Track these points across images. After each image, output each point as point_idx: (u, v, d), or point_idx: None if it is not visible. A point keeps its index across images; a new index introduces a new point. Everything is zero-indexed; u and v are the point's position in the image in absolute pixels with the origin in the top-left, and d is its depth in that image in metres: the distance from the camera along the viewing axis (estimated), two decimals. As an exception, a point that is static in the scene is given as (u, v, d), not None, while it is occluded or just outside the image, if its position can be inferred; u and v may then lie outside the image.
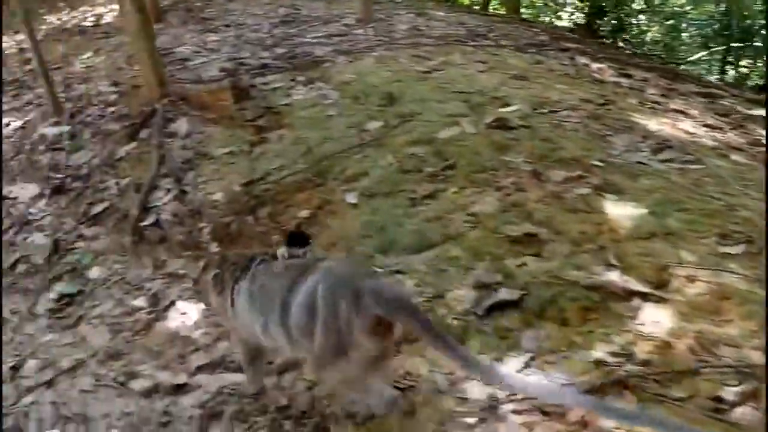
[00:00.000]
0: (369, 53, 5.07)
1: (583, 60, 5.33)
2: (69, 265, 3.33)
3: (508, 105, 3.83)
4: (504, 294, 2.41)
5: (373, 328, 1.57)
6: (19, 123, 5.19)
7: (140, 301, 2.98)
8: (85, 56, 6.56)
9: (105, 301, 3.01)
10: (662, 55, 8.10)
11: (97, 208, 3.73)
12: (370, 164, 3.40)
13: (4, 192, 4.16)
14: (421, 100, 3.93)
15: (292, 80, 4.55)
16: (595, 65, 5.25)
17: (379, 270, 2.71)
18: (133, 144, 4.21)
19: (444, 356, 1.58)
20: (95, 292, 3.10)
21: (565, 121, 3.65)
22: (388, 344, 1.69)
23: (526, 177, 3.09)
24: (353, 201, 3.16)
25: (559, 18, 8.79)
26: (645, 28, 8.37)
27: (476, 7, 9.62)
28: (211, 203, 3.46)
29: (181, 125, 4.12)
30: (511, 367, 2.10)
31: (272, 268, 1.88)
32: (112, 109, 4.78)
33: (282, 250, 1.95)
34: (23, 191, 4.14)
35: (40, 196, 4.07)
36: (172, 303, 2.93)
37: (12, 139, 4.93)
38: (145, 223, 3.39)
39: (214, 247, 3.25)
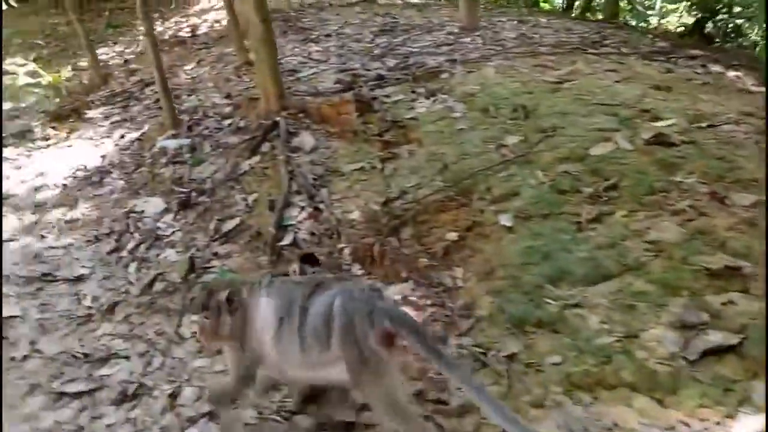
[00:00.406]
0: (485, 63, 4.85)
1: (716, 68, 4.93)
2: (205, 284, 3.25)
3: (659, 119, 3.53)
4: (717, 337, 2.13)
5: (382, 339, 1.81)
6: (134, 135, 5.26)
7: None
8: (188, 67, 6.64)
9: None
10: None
11: (228, 225, 3.66)
12: (518, 183, 3.18)
13: (129, 206, 4.18)
14: (562, 114, 3.68)
15: (413, 92, 4.39)
16: (731, 73, 4.84)
17: (551, 302, 2.49)
18: (256, 158, 4.14)
19: (435, 365, 1.91)
20: (238, 314, 2.99)
21: (732, 137, 3.31)
22: (394, 354, 1.87)
23: (705, 200, 2.79)
24: (508, 223, 2.94)
25: (668, 22, 8.32)
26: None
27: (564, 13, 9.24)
28: (348, 222, 3.32)
29: (305, 139, 4.02)
30: (749, 427, 1.83)
31: (290, 281, 2.17)
32: (228, 121, 4.76)
33: (294, 268, 2.29)
34: (148, 205, 4.14)
35: (166, 210, 4.05)
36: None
37: (129, 151, 4.99)
38: (284, 242, 3.27)
39: (356, 269, 3.11)
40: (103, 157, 5.04)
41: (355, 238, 3.21)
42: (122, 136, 5.33)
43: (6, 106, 7.27)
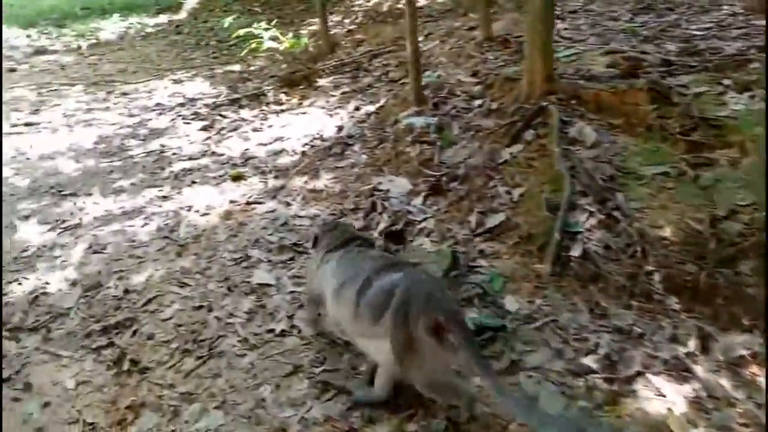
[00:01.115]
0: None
1: None
2: (475, 286, 2.85)
3: None
4: None
5: (432, 329, 1.84)
6: (370, 108, 5.06)
7: (589, 361, 2.34)
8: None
9: (540, 349, 2.44)
10: None
11: (492, 220, 3.24)
12: None
13: (373, 182, 3.93)
14: None
15: (719, 84, 3.58)
16: None
17: None
18: (518, 146, 3.65)
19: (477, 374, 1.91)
20: (521, 331, 2.55)
21: None
22: (442, 347, 1.86)
23: None
24: None
25: None
26: None
27: None
28: (656, 240, 2.70)
29: (585, 131, 3.43)
30: None
31: (368, 255, 2.27)
32: (478, 102, 4.33)
33: (379, 243, 2.34)
34: (393, 185, 3.86)
35: (413, 193, 3.74)
36: (639, 374, 2.24)
37: (367, 124, 4.78)
38: (573, 253, 2.75)
39: (672, 302, 2.49)
40: (340, 128, 4.90)
41: (668, 261, 2.59)
42: (357, 108, 5.16)
43: (235, 67, 7.61)
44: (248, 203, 4.05)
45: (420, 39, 6.35)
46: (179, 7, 13.05)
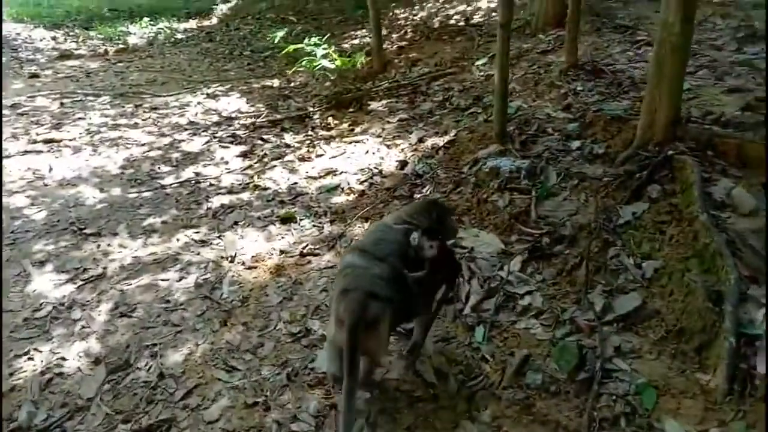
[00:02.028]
0: None
1: None
2: (618, 400, 2.18)
3: None
4: None
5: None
6: (437, 141, 4.40)
7: None
8: (480, 62, 5.70)
9: None
10: None
11: (623, 304, 2.56)
12: None
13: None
14: None
15: None
16: None
17: None
18: (641, 205, 2.98)
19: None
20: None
21: None
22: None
23: None
24: None
25: None
26: None
27: None
28: None
29: (736, 193, 2.75)
30: None
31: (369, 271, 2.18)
32: (576, 143, 3.66)
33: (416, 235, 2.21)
34: (479, 242, 3.19)
35: (506, 254, 3.08)
36: None
37: (435, 161, 4.12)
38: (757, 367, 2.06)
39: None
40: (403, 163, 4.25)
41: None
42: (421, 140, 4.52)
43: (274, 82, 7.02)
44: (302, 254, 3.41)
45: (482, 61, 5.73)
46: (210, 13, 12.57)
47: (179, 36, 10.62)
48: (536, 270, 2.94)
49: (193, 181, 4.45)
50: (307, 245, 3.49)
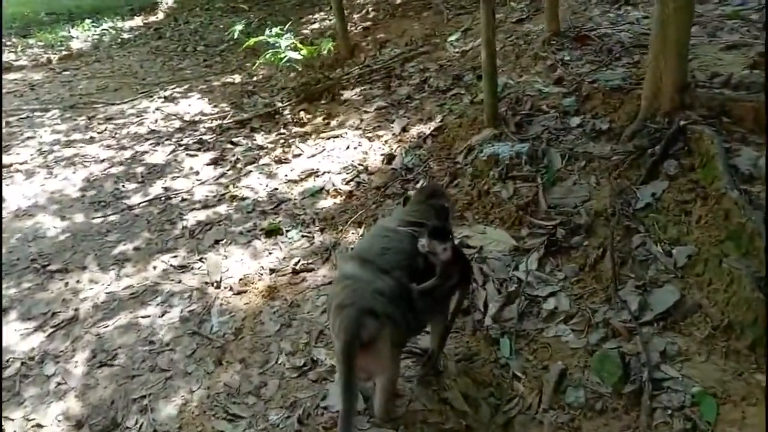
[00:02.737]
0: None
1: None
2: (674, 413, 1.96)
3: None
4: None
5: None
6: (424, 129, 4.10)
7: None
8: (453, 38, 5.39)
9: None
10: None
11: (659, 299, 2.34)
12: None
13: (456, 236, 3.01)
14: None
15: None
16: None
17: None
18: (660, 184, 2.75)
19: None
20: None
21: None
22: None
23: None
24: None
25: None
26: None
27: None
28: None
29: (763, 163, 2.53)
30: None
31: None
32: (576, 120, 3.41)
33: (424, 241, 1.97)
34: (488, 240, 2.94)
35: (520, 251, 2.83)
36: None
37: (424, 151, 3.83)
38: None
39: None
40: (390, 156, 3.94)
41: None
42: (405, 129, 4.21)
43: (235, 78, 6.59)
44: (295, 271, 3.11)
45: (455, 37, 5.42)
46: (155, 8, 11.89)
47: (125, 36, 9.99)
48: (556, 267, 2.70)
49: (162, 198, 4.08)
50: (298, 260, 3.18)
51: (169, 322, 2.86)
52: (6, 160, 4.92)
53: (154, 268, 3.30)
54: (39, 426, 2.35)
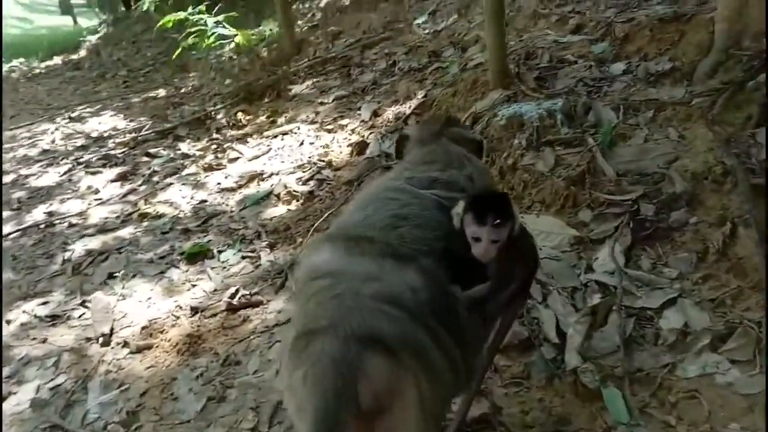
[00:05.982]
0: None
1: None
2: None
3: None
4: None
5: None
6: (403, 108, 3.08)
7: None
8: (420, 20, 4.48)
9: None
10: None
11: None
12: None
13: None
14: None
15: None
16: None
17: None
18: None
19: None
20: None
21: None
22: None
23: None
24: None
25: None
26: None
27: None
28: None
29: None
30: None
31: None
32: (620, 66, 2.44)
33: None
34: (539, 228, 1.89)
35: (586, 242, 1.79)
36: None
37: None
38: None
39: None
40: (362, 145, 2.90)
41: None
42: (376, 113, 3.19)
43: (159, 92, 5.47)
44: (232, 308, 1.97)
45: (423, 19, 4.52)
46: (78, 47, 10.67)
47: (37, 71, 8.76)
48: (657, 260, 1.67)
49: (43, 225, 2.87)
50: (236, 291, 2.04)
51: (13, 412, 1.65)
52: None
53: (8, 323, 2.08)
54: None
